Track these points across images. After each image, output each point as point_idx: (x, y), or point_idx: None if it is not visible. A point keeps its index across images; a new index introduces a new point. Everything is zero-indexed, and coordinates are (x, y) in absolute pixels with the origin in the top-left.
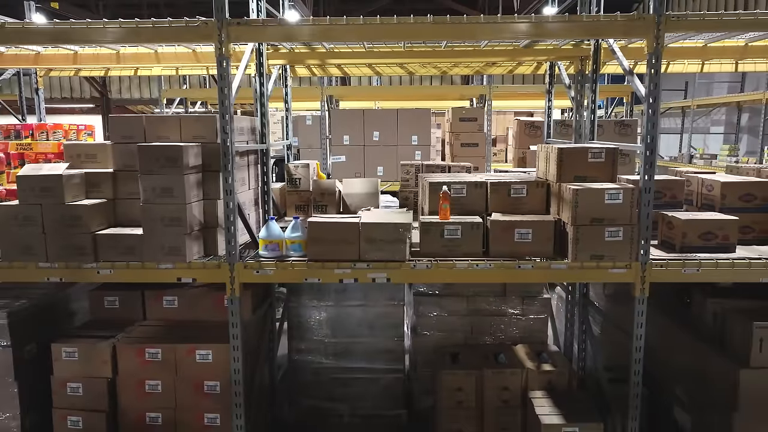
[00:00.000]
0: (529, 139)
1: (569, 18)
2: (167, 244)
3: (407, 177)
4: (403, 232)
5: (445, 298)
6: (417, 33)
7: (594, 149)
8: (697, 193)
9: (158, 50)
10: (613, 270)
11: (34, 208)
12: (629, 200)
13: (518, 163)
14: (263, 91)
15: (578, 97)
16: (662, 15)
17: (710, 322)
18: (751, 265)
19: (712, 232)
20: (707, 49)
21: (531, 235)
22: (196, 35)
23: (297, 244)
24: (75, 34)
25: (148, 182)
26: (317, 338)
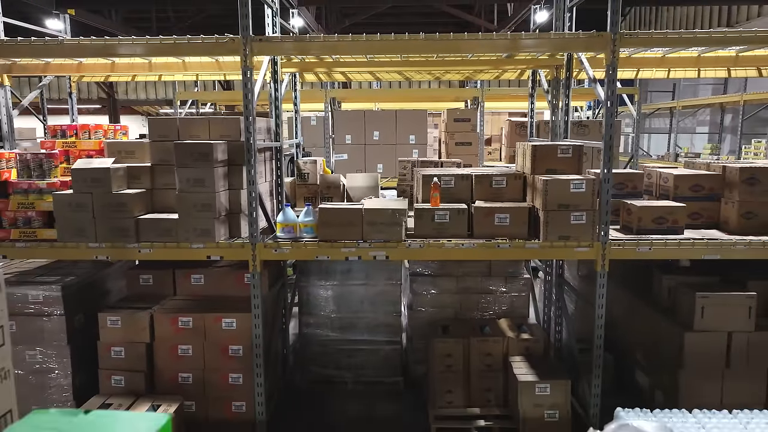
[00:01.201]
0: (519, 138)
1: (539, 35)
2: (199, 226)
3: (404, 172)
4: (399, 217)
5: (437, 278)
6: (411, 47)
7: (563, 146)
8: (656, 185)
9: (185, 60)
10: (578, 249)
11: (85, 196)
12: (591, 189)
13: (509, 160)
14: (277, 95)
15: (554, 101)
16: (617, 33)
17: (665, 295)
18: (694, 245)
19: (664, 217)
20: (665, 59)
21: (509, 219)
22: (225, 50)
23: (309, 228)
24: (122, 48)
25: (183, 174)
26: (324, 314)
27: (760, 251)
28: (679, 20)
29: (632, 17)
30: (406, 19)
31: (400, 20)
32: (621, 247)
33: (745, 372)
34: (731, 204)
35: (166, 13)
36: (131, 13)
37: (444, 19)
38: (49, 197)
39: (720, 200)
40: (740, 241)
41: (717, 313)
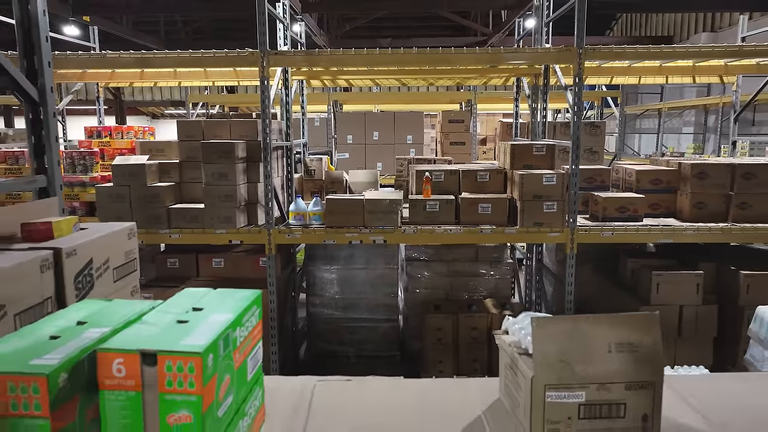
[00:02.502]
0: (510, 137)
1: (515, 50)
2: (222, 214)
3: (401, 168)
4: (396, 206)
5: (431, 262)
6: (407, 60)
7: (537, 145)
8: (622, 179)
9: (207, 69)
10: (550, 234)
11: (124, 189)
12: (561, 182)
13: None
14: (288, 100)
15: (534, 105)
16: (582, 48)
17: (629, 276)
18: (650, 230)
19: (625, 207)
20: (631, 68)
21: (491, 208)
22: (245, 62)
23: (317, 216)
24: (155, 61)
25: (209, 169)
26: (329, 295)
27: (706, 235)
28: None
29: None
30: (404, 23)
31: (399, 24)
32: (587, 232)
33: (694, 340)
34: (685, 196)
35: (173, 18)
36: (141, 17)
37: (441, 23)
38: (91, 189)
39: (676, 192)
40: (690, 227)
41: (670, 289)
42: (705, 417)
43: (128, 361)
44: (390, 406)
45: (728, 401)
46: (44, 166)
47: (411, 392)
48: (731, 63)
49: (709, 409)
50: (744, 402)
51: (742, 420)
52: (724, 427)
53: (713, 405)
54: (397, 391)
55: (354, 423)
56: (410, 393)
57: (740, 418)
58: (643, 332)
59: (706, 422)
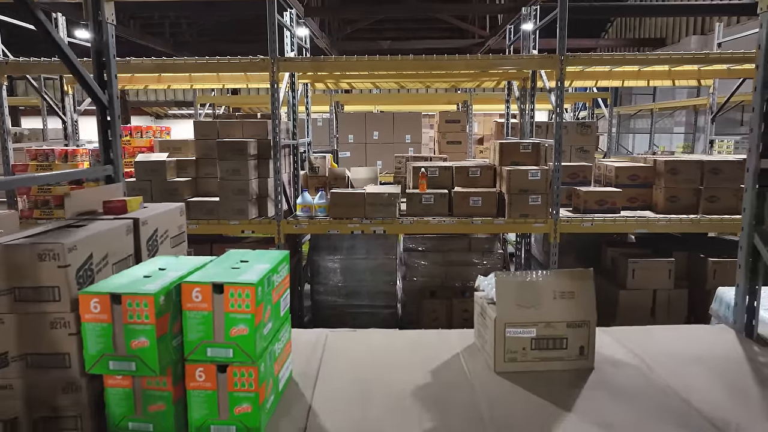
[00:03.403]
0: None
1: (503, 57)
2: (236, 207)
3: (399, 166)
4: (394, 199)
5: (427, 253)
6: (405, 66)
7: (523, 143)
8: (603, 175)
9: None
10: (535, 224)
11: (145, 183)
12: (545, 177)
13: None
14: (294, 102)
15: (522, 107)
16: (564, 55)
17: (609, 264)
18: (626, 221)
19: (604, 200)
20: (612, 72)
21: (481, 201)
22: (257, 68)
23: (322, 208)
24: (174, 67)
25: (223, 165)
26: (332, 283)
27: (677, 226)
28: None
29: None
30: (404, 25)
31: (399, 26)
32: (569, 223)
33: (666, 320)
34: (660, 190)
35: (178, 20)
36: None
37: (440, 25)
38: None
39: (652, 187)
40: (663, 218)
41: (644, 275)
42: (634, 353)
43: (203, 290)
44: (387, 348)
45: (656, 345)
46: (110, 158)
47: (404, 339)
48: (704, 68)
49: (639, 349)
50: (668, 345)
51: (664, 355)
52: (647, 359)
53: (643, 346)
54: (393, 338)
55: (358, 358)
56: (403, 339)
57: (662, 354)
58: (579, 283)
59: (634, 356)
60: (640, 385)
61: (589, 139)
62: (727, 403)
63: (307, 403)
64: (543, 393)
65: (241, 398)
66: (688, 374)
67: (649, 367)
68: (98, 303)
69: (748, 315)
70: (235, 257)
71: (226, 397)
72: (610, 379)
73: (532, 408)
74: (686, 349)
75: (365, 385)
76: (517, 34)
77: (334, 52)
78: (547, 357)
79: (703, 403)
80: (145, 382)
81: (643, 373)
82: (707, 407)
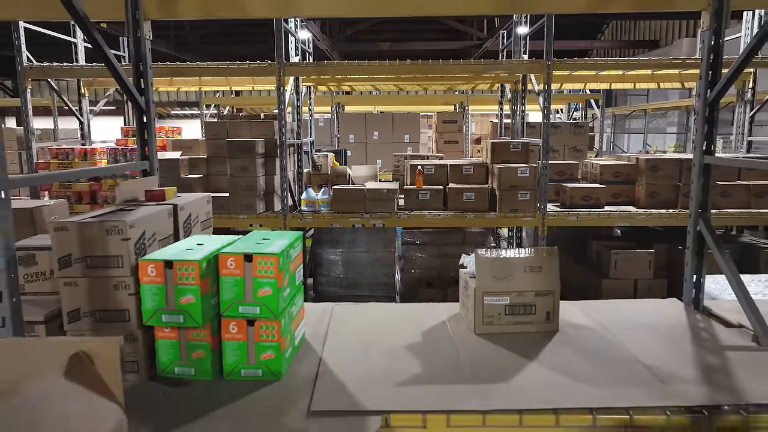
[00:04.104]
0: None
1: (494, 62)
2: (244, 202)
3: (398, 164)
4: (392, 195)
5: (424, 246)
6: (403, 70)
7: (513, 143)
8: (590, 172)
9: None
10: (524, 218)
11: (161, 179)
12: (533, 175)
13: None
14: (299, 104)
15: (514, 108)
16: (551, 60)
17: (594, 256)
18: (609, 215)
19: (589, 195)
20: (599, 75)
21: (474, 196)
22: (265, 72)
23: (325, 203)
24: (187, 71)
25: (233, 163)
26: (334, 275)
27: (657, 220)
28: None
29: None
30: (403, 26)
31: (398, 27)
32: (556, 217)
33: None
34: (641, 186)
35: (182, 23)
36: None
37: (439, 27)
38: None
39: (635, 183)
40: (643, 213)
41: (626, 265)
42: (594, 320)
43: (236, 259)
44: (384, 317)
45: (614, 313)
46: (146, 154)
47: (399, 310)
48: (684, 72)
49: (599, 316)
50: (625, 314)
51: (619, 321)
52: (605, 324)
53: (603, 315)
54: (390, 309)
55: (360, 324)
56: (399, 310)
57: (619, 321)
58: (546, 259)
59: (594, 322)
60: (595, 343)
61: (582, 138)
62: (663, 356)
63: (318, 356)
64: (513, 348)
65: (266, 347)
66: (637, 335)
67: (606, 329)
68: (154, 268)
69: (695, 290)
70: (258, 236)
71: (254, 346)
72: (571, 338)
73: (502, 357)
74: (640, 316)
75: (366, 343)
76: (510, 37)
77: (334, 54)
78: (519, 321)
79: (645, 355)
80: (189, 334)
81: (599, 334)
82: (647, 358)
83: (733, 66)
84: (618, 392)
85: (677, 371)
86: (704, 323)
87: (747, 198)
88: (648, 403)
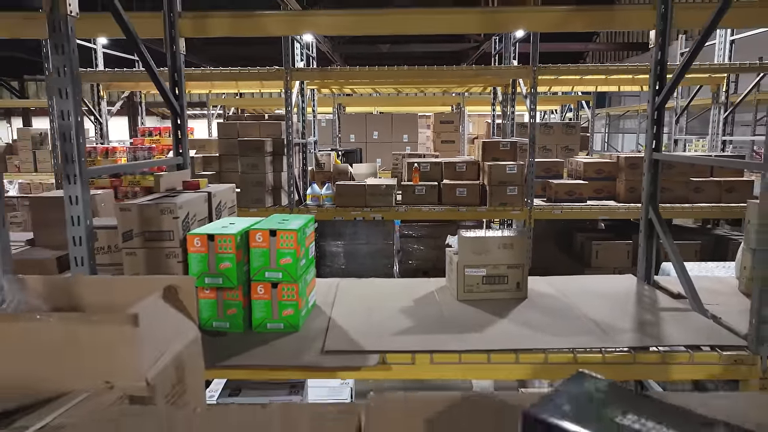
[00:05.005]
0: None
1: (483, 68)
2: (254, 197)
3: (396, 162)
4: (391, 190)
5: (421, 238)
6: (402, 75)
7: (503, 142)
8: (575, 170)
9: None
10: (513, 212)
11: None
12: (521, 171)
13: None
14: (303, 106)
15: (505, 109)
16: (536, 66)
17: (578, 247)
18: (591, 209)
19: (573, 191)
20: (583, 79)
21: (466, 192)
22: (273, 77)
23: (329, 198)
24: (200, 76)
25: (244, 161)
26: (337, 266)
27: (635, 213)
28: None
29: None
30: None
31: None
32: (542, 210)
33: None
34: (621, 182)
35: None
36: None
37: None
38: (150, 177)
39: (616, 180)
40: (623, 206)
41: (606, 255)
42: (558, 290)
43: (263, 234)
44: (383, 288)
45: (576, 285)
46: (179, 151)
47: (396, 283)
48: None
49: (563, 287)
50: (587, 286)
51: (579, 291)
52: (567, 293)
53: (566, 286)
54: (388, 283)
55: (362, 293)
56: (396, 283)
57: (578, 291)
58: (517, 238)
59: (557, 291)
60: (555, 305)
61: (574, 138)
62: (610, 314)
63: (328, 315)
64: (487, 309)
65: (286, 305)
66: (591, 300)
67: (566, 296)
68: (199, 240)
69: (647, 266)
70: (278, 218)
71: (277, 304)
72: (536, 303)
73: (478, 316)
74: (597, 288)
75: (367, 307)
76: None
77: (336, 56)
78: (494, 289)
79: (595, 313)
80: (225, 294)
81: (560, 300)
82: (596, 316)
83: (673, 75)
84: (568, 339)
85: (618, 324)
86: (650, 293)
87: (718, 193)
88: (589, 345)
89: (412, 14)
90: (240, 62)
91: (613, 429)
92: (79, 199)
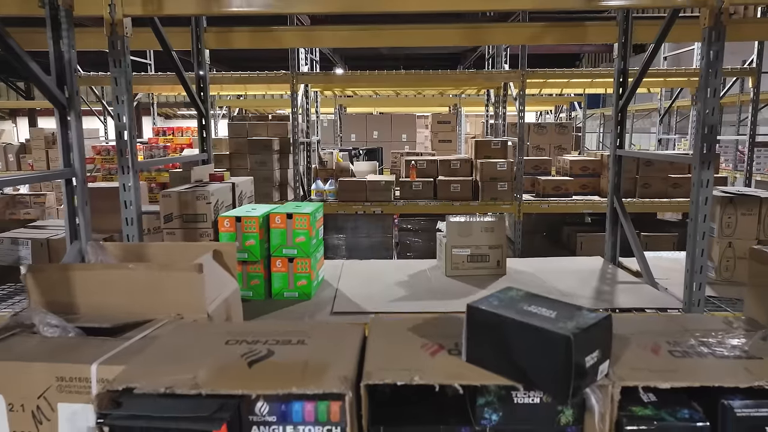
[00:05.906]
0: None
1: (476, 72)
2: (262, 192)
3: (395, 161)
4: (390, 186)
5: (419, 232)
6: (401, 79)
7: (494, 141)
8: (562, 167)
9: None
10: (503, 206)
11: (189, 173)
12: (511, 168)
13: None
14: (307, 108)
15: (497, 110)
16: (525, 71)
17: (566, 239)
18: (576, 203)
19: (559, 186)
20: (570, 83)
21: (459, 187)
22: (281, 80)
23: (332, 193)
24: (213, 80)
25: (253, 158)
26: (339, 258)
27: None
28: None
29: None
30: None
31: None
32: (530, 204)
33: None
34: (605, 179)
35: None
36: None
37: None
38: (165, 174)
39: (600, 176)
40: (605, 201)
41: (590, 246)
42: (533, 268)
43: (281, 217)
44: (383, 267)
45: (549, 265)
46: (204, 148)
47: (394, 263)
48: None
49: (538, 266)
50: (559, 266)
51: (551, 269)
52: (541, 270)
53: (541, 266)
54: (387, 263)
55: (364, 271)
56: (393, 263)
57: (551, 269)
58: (497, 222)
59: (533, 269)
60: (529, 280)
61: (567, 138)
62: (574, 286)
63: (335, 287)
64: (470, 283)
65: (301, 276)
66: (561, 276)
67: (540, 273)
68: (229, 222)
69: (612, 248)
70: (293, 204)
71: (293, 276)
72: (513, 278)
73: (462, 287)
74: (568, 267)
75: (368, 281)
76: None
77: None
78: (477, 267)
79: (562, 285)
80: (249, 267)
81: (534, 276)
82: (562, 287)
83: (632, 82)
84: None
85: (579, 293)
86: (612, 271)
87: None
88: None
89: (406, 29)
90: (246, 62)
91: (519, 311)
92: (131, 187)
